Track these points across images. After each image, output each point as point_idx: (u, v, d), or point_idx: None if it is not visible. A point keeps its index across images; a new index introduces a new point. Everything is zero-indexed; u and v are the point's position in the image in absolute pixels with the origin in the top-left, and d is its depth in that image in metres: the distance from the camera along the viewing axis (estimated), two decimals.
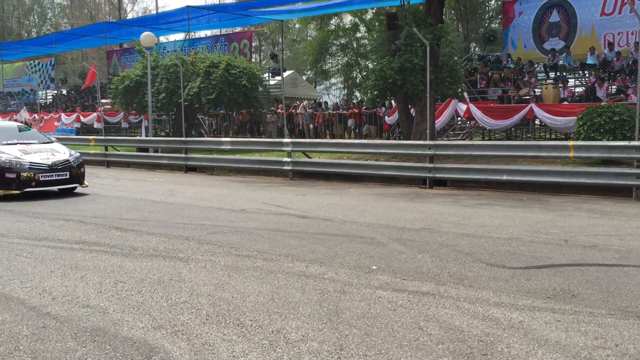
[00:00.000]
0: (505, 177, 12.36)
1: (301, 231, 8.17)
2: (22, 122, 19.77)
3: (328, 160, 15.89)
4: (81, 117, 29.35)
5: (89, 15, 52.43)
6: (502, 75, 20.25)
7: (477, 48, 32.12)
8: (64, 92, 39.08)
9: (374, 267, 6.17)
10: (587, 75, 19.79)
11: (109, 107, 28.06)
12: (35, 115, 31.18)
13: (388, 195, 12.07)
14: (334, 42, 36.65)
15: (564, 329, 4.35)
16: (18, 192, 11.52)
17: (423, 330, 4.35)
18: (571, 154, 11.83)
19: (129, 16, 50.06)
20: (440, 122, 18.05)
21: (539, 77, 20.55)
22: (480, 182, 12.95)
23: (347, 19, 36.44)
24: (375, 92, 16.96)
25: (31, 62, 42.54)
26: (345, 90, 40.58)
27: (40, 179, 11.71)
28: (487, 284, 5.53)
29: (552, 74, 20.56)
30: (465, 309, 4.82)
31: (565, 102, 17.22)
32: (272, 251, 6.96)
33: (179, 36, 37.11)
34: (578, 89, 19.35)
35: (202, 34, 36.46)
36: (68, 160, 12.27)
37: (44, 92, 40.50)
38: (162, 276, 5.88)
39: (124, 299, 5.14)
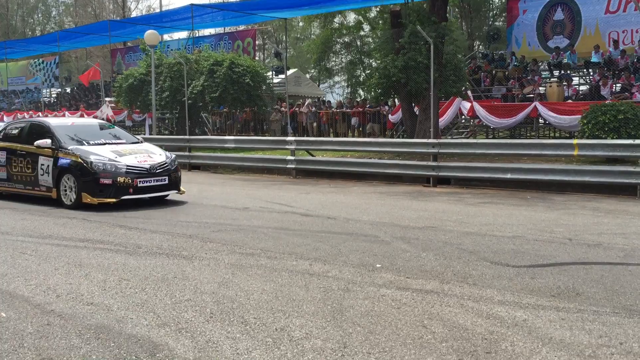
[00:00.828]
0: (509, 176, 12.34)
1: (305, 229, 8.17)
2: (103, 119, 18.31)
3: (331, 158, 15.89)
4: (85, 116, 29.39)
5: (93, 13, 52.48)
6: (506, 73, 20.20)
7: (481, 46, 32.07)
8: (68, 90, 39.17)
9: (378, 265, 6.17)
10: (591, 74, 19.72)
11: (112, 105, 28.09)
12: (40, 114, 31.24)
13: (392, 194, 12.06)
14: (338, 40, 36.63)
15: (568, 327, 4.35)
16: (114, 200, 9.96)
17: (427, 329, 4.34)
18: (575, 153, 11.81)
19: (133, 14, 50.08)
20: (443, 120, 18.02)
21: (543, 76, 20.48)
22: (484, 180, 12.93)
23: (351, 17, 36.40)
24: (379, 91, 16.95)
25: (35, 60, 42.63)
26: (349, 89, 40.54)
27: (139, 184, 10.13)
28: (491, 282, 5.53)
29: (556, 72, 20.48)
30: (469, 307, 4.81)
31: (570, 101, 17.16)
32: (276, 249, 6.96)
33: (183, 34, 37.12)
34: (582, 87, 19.28)
35: (206, 32, 36.48)
36: (166, 162, 10.70)
37: (48, 90, 40.58)
38: (166, 274, 5.89)
39: (128, 297, 5.15)
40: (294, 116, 23.56)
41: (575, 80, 20.04)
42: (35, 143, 10.57)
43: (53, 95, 39.92)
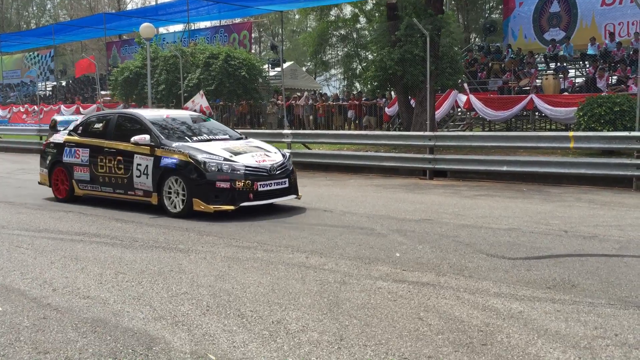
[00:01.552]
0: (505, 168, 12.35)
1: (301, 222, 8.17)
2: (195, 110, 16.79)
3: (328, 151, 15.87)
4: (81, 109, 29.30)
5: (88, 6, 52.30)
6: (503, 66, 20.19)
7: (477, 39, 32.03)
8: (64, 83, 39.04)
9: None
10: (587, 66, 19.74)
11: (108, 98, 28.05)
12: (35, 107, 31.16)
13: (388, 186, 12.07)
14: (334, 33, 36.51)
15: (563, 319, 4.36)
16: (232, 208, 8.43)
17: (423, 321, 4.35)
18: (571, 145, 11.82)
19: (129, 7, 49.96)
20: (440, 113, 18.00)
21: (539, 68, 20.50)
22: (480, 173, 12.94)
23: (347, 9, 36.30)
24: (375, 83, 16.93)
25: (30, 53, 42.46)
26: (345, 82, 40.48)
27: (259, 188, 8.61)
28: (487, 274, 5.54)
29: (552, 65, 20.50)
30: (465, 299, 4.83)
31: (566, 93, 17.18)
32: (272, 242, 6.96)
33: (179, 27, 37.06)
34: (578, 80, 19.30)
35: (202, 25, 36.38)
36: (285, 162, 9.15)
37: (43, 83, 40.44)
38: (163, 267, 5.89)
39: (125, 290, 5.15)
40: (290, 109, 23.54)
41: (572, 72, 20.06)
42: (133, 139, 9.02)
43: (48, 89, 39.80)
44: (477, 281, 5.32)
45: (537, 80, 18.60)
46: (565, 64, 19.88)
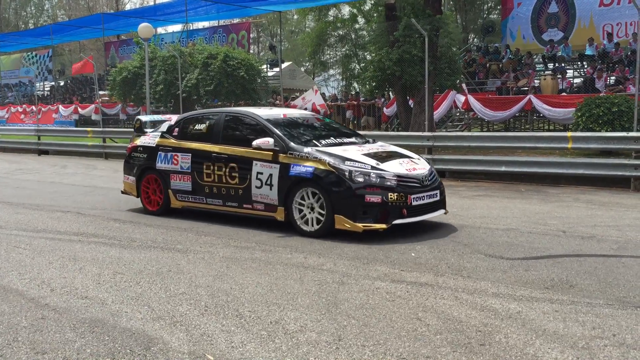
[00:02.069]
0: (503, 168, 12.36)
1: None
2: (305, 109, 14.27)
3: None
4: (79, 109, 29.28)
5: (86, 6, 52.24)
6: (501, 66, 20.21)
7: (475, 39, 32.06)
8: (62, 83, 39.00)
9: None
10: (585, 66, 19.75)
11: (106, 98, 28.02)
12: (33, 107, 31.12)
13: None
14: (332, 33, 36.56)
15: (561, 319, 4.36)
16: (384, 227, 7.02)
17: (421, 321, 4.35)
18: (569, 145, 11.82)
19: (127, 7, 49.91)
20: (438, 113, 18.01)
21: (537, 68, 20.51)
22: (478, 173, 12.94)
23: (346, 9, 36.34)
24: (374, 84, 16.93)
25: (28, 53, 42.40)
26: (344, 82, 40.52)
27: (412, 202, 7.21)
28: (485, 274, 5.54)
29: (550, 65, 20.53)
30: (463, 299, 4.83)
31: (564, 94, 17.19)
32: (271, 242, 6.96)
33: (177, 27, 37.04)
34: (577, 80, 19.31)
35: (200, 25, 36.40)
36: (432, 171, 7.86)
37: (41, 83, 40.39)
38: (161, 267, 5.89)
39: (123, 290, 5.15)
40: None
41: (570, 73, 20.07)
42: (254, 143, 7.65)
43: (46, 89, 39.75)
44: (475, 281, 5.32)
45: (536, 81, 18.62)
46: (563, 65, 19.89)
